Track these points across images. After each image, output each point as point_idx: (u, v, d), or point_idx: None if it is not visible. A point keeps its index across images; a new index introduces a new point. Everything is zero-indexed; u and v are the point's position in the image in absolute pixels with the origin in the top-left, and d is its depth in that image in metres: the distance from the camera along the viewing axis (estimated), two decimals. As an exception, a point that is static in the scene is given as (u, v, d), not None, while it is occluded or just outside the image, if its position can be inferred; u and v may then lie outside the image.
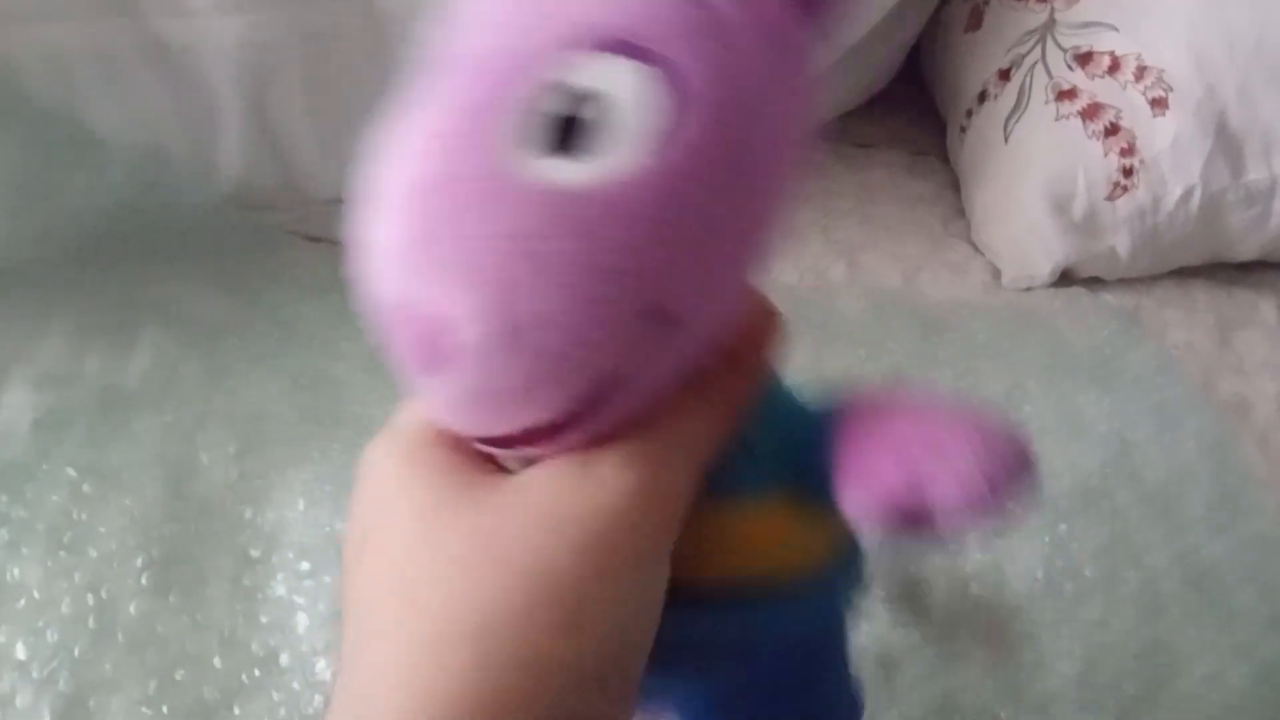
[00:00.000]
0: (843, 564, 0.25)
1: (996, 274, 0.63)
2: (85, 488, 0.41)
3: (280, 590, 0.38)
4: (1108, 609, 0.41)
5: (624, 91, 0.16)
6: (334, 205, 0.56)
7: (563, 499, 0.19)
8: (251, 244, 0.55)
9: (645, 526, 0.19)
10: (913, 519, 0.20)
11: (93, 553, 0.39)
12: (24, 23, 0.44)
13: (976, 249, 0.65)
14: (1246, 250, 0.63)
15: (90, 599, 0.37)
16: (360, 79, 0.50)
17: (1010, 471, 0.20)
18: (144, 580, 0.38)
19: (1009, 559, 0.42)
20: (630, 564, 0.19)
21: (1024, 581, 0.42)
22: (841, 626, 0.26)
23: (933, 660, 0.38)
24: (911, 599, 0.36)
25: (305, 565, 0.39)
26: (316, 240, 0.57)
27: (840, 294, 0.58)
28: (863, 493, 0.21)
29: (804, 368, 0.50)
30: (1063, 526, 0.44)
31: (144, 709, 0.33)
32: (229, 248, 0.55)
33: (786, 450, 0.22)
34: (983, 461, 0.20)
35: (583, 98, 0.16)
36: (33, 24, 0.44)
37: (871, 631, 0.39)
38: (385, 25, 0.49)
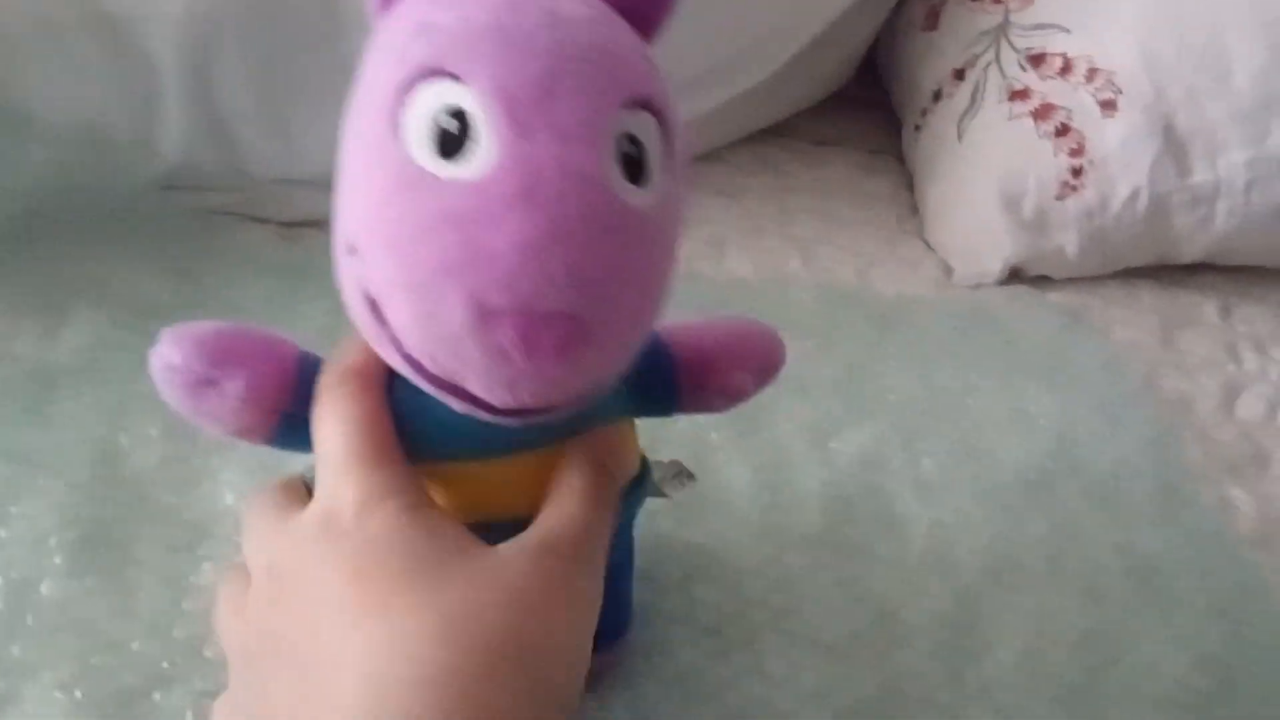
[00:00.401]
0: (644, 471, 0.31)
1: (948, 271, 0.63)
2: (2, 469, 0.39)
3: (206, 578, 0.37)
4: (1049, 598, 0.41)
5: (649, 136, 0.22)
6: (279, 185, 0.55)
7: (555, 530, 0.25)
8: (192, 224, 0.54)
9: (600, 536, 0.26)
10: (729, 398, 0.31)
11: (2, 533, 0.37)
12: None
13: (929, 246, 0.65)
14: (1191, 252, 0.64)
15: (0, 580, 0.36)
16: (309, 55, 0.49)
17: (779, 359, 0.32)
18: (58, 560, 0.36)
19: (954, 547, 0.43)
20: (598, 562, 0.26)
21: (969, 571, 0.42)
22: (631, 525, 0.32)
23: (875, 646, 0.38)
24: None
25: (233, 553, 0.37)
26: (262, 221, 0.55)
27: (793, 287, 0.58)
28: (703, 391, 0.30)
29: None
30: (1007, 517, 0.44)
31: (57, 693, 0.32)
32: (168, 228, 0.53)
33: (634, 376, 0.27)
34: (768, 354, 0.31)
35: (634, 141, 0.22)
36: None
37: (814, 618, 0.39)
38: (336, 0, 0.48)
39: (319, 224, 0.55)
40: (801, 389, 0.49)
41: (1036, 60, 0.63)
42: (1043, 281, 0.64)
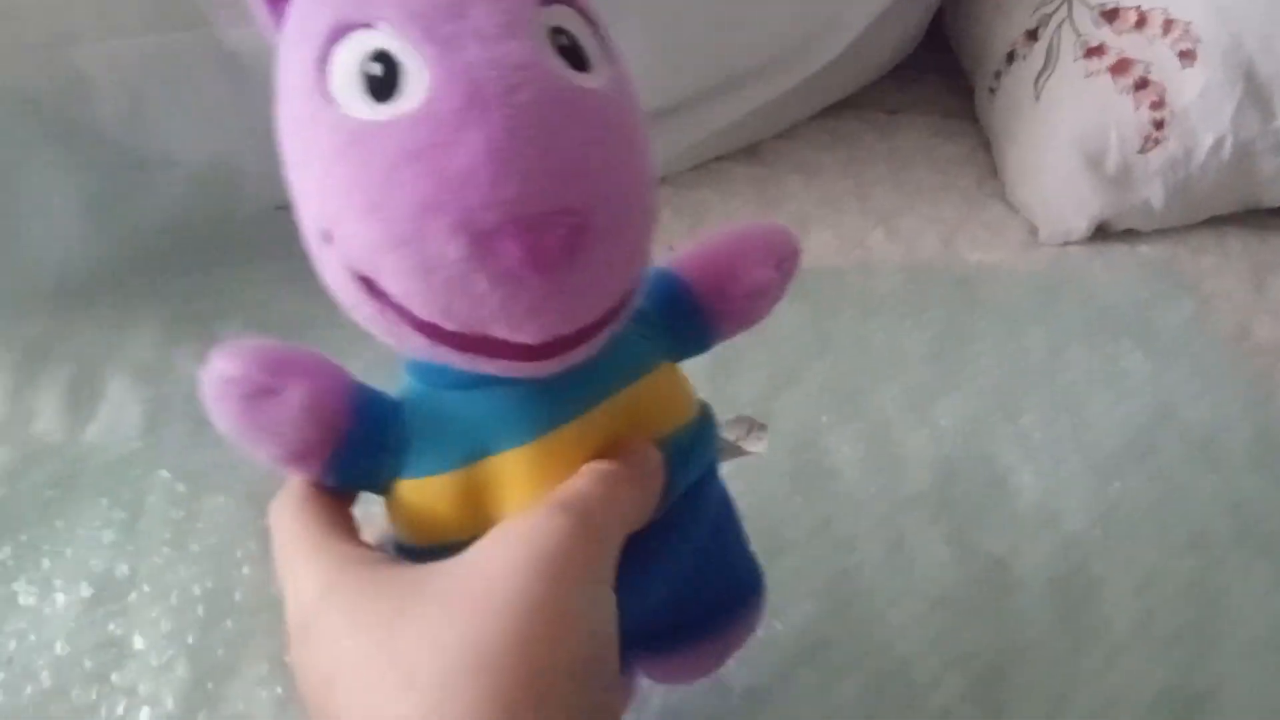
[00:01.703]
0: (704, 418, 0.28)
1: (1033, 231, 0.64)
2: (180, 487, 0.43)
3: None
4: (1154, 546, 0.43)
5: (576, 26, 0.22)
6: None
7: (513, 546, 0.22)
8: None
9: (587, 546, 0.22)
10: (757, 298, 0.29)
11: (195, 547, 0.41)
12: (99, 40, 0.47)
13: (1012, 208, 0.66)
14: (1278, 195, 0.64)
15: (197, 589, 0.40)
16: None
17: (794, 246, 0.29)
18: (246, 571, 0.40)
19: (1058, 502, 0.45)
20: (584, 577, 0.22)
21: (1074, 523, 0.44)
22: (715, 481, 0.30)
23: (988, 595, 0.41)
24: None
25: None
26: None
27: (879, 266, 0.60)
28: (729, 301, 0.28)
29: (848, 344, 0.53)
30: (1109, 471, 0.46)
31: (259, 690, 0.36)
32: (291, 246, 0.57)
33: (658, 316, 0.27)
34: (780, 243, 0.29)
35: (562, 32, 0.21)
36: (107, 40, 0.47)
37: (928, 571, 0.41)
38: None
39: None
40: (898, 362, 0.51)
41: (1110, 15, 0.63)
42: (1130, 235, 0.64)
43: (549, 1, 0.21)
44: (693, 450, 0.27)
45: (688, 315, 0.28)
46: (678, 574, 0.29)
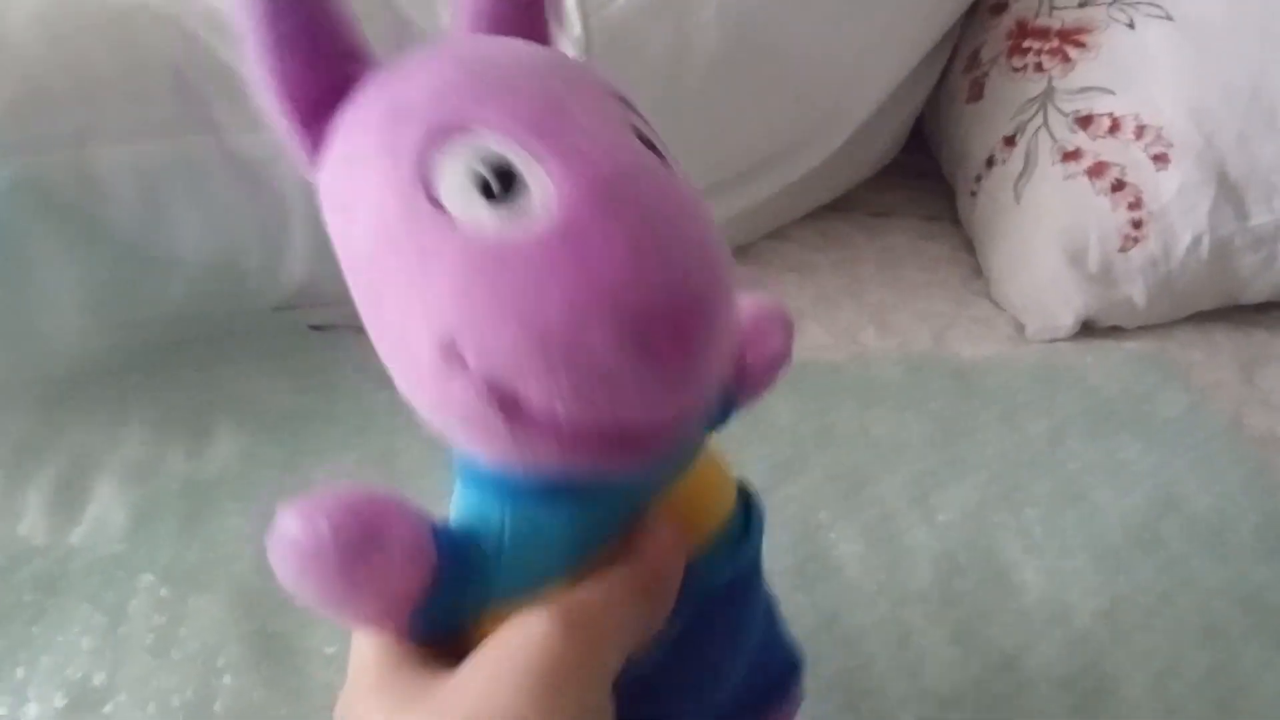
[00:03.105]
0: (748, 507, 0.28)
1: (1020, 328, 0.65)
2: (163, 591, 0.42)
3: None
4: (1167, 638, 0.42)
5: (641, 123, 0.23)
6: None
7: (501, 658, 0.21)
8: (309, 338, 0.58)
9: (580, 657, 0.22)
10: (775, 368, 0.30)
11: (176, 654, 0.40)
12: (116, 141, 0.48)
13: (999, 305, 0.68)
14: (1259, 291, 0.65)
15: (176, 700, 0.38)
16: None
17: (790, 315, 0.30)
18: (228, 680, 0.39)
19: (1065, 594, 0.44)
20: (574, 689, 0.21)
21: (1083, 616, 0.43)
22: (759, 571, 0.29)
23: (999, 694, 0.40)
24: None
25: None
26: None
27: (876, 359, 0.60)
28: (745, 372, 0.28)
29: (850, 435, 0.53)
30: (1115, 562, 0.45)
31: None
32: (290, 344, 0.57)
33: None
34: (783, 314, 0.30)
35: (635, 128, 0.23)
36: (124, 144, 0.48)
37: (935, 670, 0.40)
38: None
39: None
40: (897, 453, 0.51)
41: (1085, 122, 0.66)
42: (1116, 331, 0.65)
43: (618, 100, 0.22)
44: (739, 546, 0.27)
45: None
46: (744, 663, 0.28)
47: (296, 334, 0.57)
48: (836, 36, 0.66)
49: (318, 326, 0.59)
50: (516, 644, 0.21)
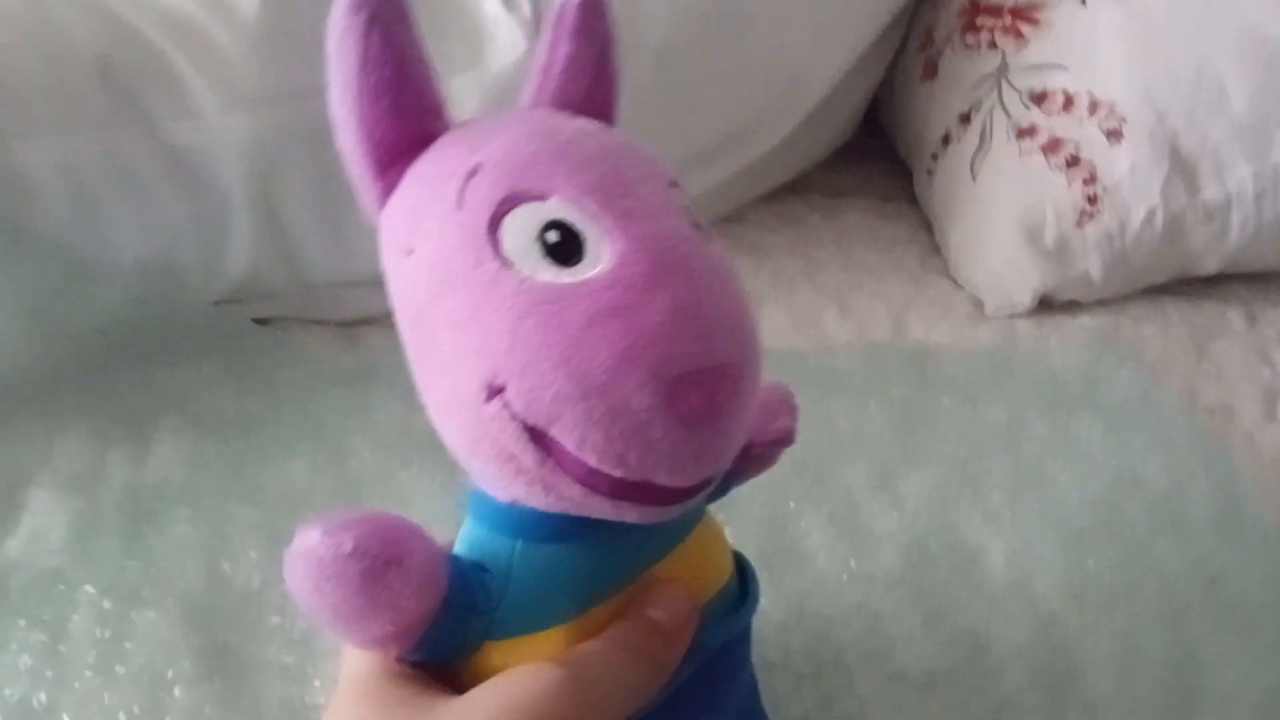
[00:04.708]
0: (744, 576, 0.29)
1: (979, 306, 0.65)
2: (107, 604, 0.40)
3: (319, 697, 0.37)
4: (1133, 619, 0.42)
5: (690, 205, 0.25)
6: (336, 288, 0.57)
7: (498, 701, 0.22)
8: (254, 332, 0.56)
9: (576, 707, 0.22)
10: (779, 446, 0.31)
11: (122, 670, 0.38)
12: (39, 137, 0.45)
13: (956, 284, 0.68)
14: (1210, 264, 0.66)
15: (123, 717, 0.36)
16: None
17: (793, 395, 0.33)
18: (177, 693, 0.37)
19: (1032, 577, 0.44)
20: None
21: (1051, 599, 0.43)
22: (749, 642, 0.30)
23: (971, 680, 0.39)
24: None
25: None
26: (320, 322, 0.58)
27: (836, 346, 0.60)
28: (751, 449, 0.30)
29: (813, 422, 0.52)
30: (1079, 543, 0.45)
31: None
32: (233, 340, 0.55)
33: None
34: (786, 394, 0.33)
35: (686, 209, 0.25)
36: (48, 137, 0.45)
37: (907, 657, 0.40)
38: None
39: (374, 321, 0.57)
40: (860, 439, 0.51)
41: (1039, 98, 0.66)
42: (1072, 306, 0.66)
43: (672, 185, 0.24)
44: (734, 612, 0.28)
45: None
46: None
47: (240, 332, 0.55)
48: (790, 16, 0.65)
49: (262, 320, 0.57)
50: (518, 694, 0.22)
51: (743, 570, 0.30)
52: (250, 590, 0.41)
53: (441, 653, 0.24)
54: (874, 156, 0.83)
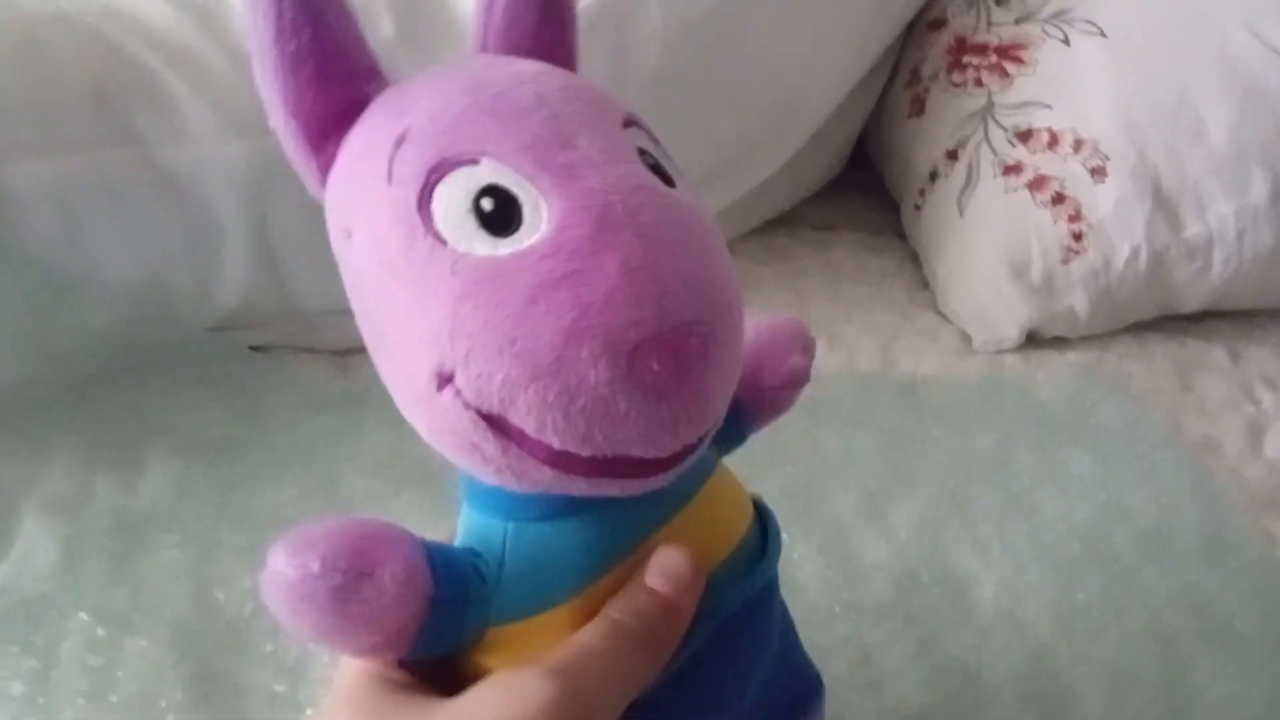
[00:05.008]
0: (764, 526, 0.28)
1: (966, 339, 0.66)
2: (99, 631, 0.40)
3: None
4: (1121, 646, 0.43)
5: (650, 145, 0.23)
6: (329, 316, 0.57)
7: (492, 707, 0.21)
8: (247, 360, 0.56)
9: (574, 715, 0.21)
10: (794, 386, 0.29)
11: (114, 698, 0.38)
12: (27, 158, 0.45)
13: (944, 318, 0.68)
14: (1192, 300, 0.67)
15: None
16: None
17: (813, 340, 0.30)
18: None
19: (1021, 606, 0.44)
20: None
21: (1040, 628, 0.43)
22: (776, 590, 0.29)
23: (963, 709, 0.39)
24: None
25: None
26: (313, 351, 0.58)
27: (825, 376, 0.60)
28: (764, 391, 0.29)
29: (802, 452, 0.53)
30: (1068, 571, 0.46)
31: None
32: (224, 367, 0.55)
33: None
34: (801, 330, 0.30)
35: (645, 152, 0.23)
36: (37, 158, 0.45)
37: (899, 688, 0.40)
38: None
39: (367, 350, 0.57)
40: (849, 468, 0.51)
41: (1024, 136, 0.67)
42: (1059, 342, 0.67)
43: (629, 125, 0.22)
44: (755, 567, 0.26)
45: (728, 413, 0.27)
46: (762, 680, 0.27)
47: (230, 358, 0.55)
48: (780, 52, 0.66)
49: (258, 347, 0.57)
50: (511, 699, 0.21)
51: (764, 522, 0.28)
52: (241, 617, 0.41)
53: (443, 647, 0.23)
54: (862, 190, 0.84)
